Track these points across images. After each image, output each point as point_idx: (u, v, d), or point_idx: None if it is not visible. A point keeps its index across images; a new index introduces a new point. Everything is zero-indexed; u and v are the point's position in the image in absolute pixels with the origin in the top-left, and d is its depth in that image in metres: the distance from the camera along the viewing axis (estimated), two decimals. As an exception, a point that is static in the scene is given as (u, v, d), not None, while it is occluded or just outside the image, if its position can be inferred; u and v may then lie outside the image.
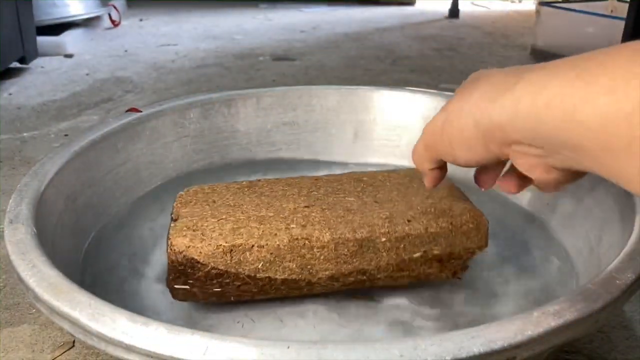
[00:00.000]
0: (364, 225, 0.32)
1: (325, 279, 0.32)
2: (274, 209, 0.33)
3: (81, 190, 0.40)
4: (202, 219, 0.32)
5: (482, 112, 0.22)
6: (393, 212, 0.33)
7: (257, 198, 0.34)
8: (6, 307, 0.37)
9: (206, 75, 0.96)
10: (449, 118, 0.25)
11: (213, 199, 0.34)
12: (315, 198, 0.34)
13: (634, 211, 0.31)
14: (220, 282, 0.31)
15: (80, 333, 0.24)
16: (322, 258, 0.31)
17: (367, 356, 0.21)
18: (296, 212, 0.33)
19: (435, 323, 0.33)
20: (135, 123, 0.46)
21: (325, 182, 0.37)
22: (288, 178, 0.38)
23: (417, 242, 0.32)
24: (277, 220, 0.32)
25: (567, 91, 0.19)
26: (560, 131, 0.19)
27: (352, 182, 0.37)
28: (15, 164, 0.60)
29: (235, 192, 0.35)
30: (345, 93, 0.54)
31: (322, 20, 1.48)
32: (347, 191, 0.35)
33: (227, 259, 0.30)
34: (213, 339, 0.22)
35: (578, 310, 0.23)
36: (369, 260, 0.32)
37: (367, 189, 0.36)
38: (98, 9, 1.28)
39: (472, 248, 0.33)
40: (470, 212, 0.33)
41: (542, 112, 0.20)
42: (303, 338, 0.31)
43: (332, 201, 0.34)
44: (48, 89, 0.87)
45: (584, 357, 0.32)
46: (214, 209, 0.33)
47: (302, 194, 0.35)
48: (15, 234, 0.29)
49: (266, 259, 0.30)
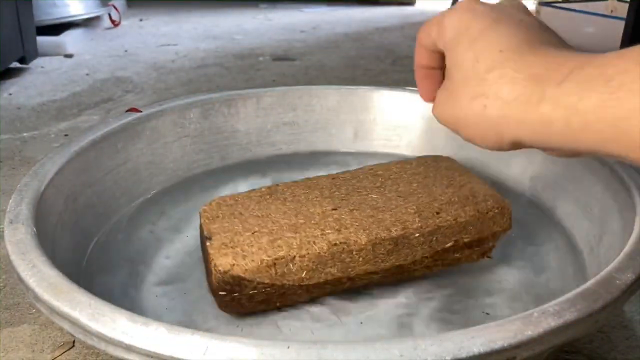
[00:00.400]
0: (396, 223, 0.32)
1: (365, 274, 0.33)
2: (302, 215, 0.33)
3: (81, 190, 0.40)
4: (236, 234, 0.32)
5: (505, 126, 0.21)
6: (419, 206, 0.34)
7: (282, 205, 0.34)
8: (6, 307, 0.37)
9: (206, 75, 0.95)
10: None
11: (239, 210, 0.34)
12: (339, 199, 0.35)
13: (634, 211, 0.31)
14: (267, 292, 0.31)
15: (80, 333, 0.24)
16: (360, 260, 0.32)
17: (367, 356, 0.21)
18: (326, 216, 0.33)
19: (432, 323, 0.33)
20: (135, 123, 0.46)
21: (343, 181, 0.37)
22: (305, 180, 0.38)
23: (448, 232, 0.33)
24: (310, 227, 0.32)
25: (609, 105, 0.18)
26: (598, 148, 0.19)
27: (369, 177, 0.37)
28: (15, 164, 0.60)
29: (259, 201, 0.35)
30: (345, 93, 0.54)
31: (322, 20, 1.48)
32: (368, 188, 0.36)
33: (272, 272, 0.30)
34: (213, 339, 0.22)
35: (578, 310, 0.23)
36: (404, 255, 0.33)
37: (386, 183, 0.37)
38: (98, 9, 1.27)
39: (498, 231, 0.35)
40: (493, 198, 0.35)
41: (578, 135, 0.19)
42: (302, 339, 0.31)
43: (356, 200, 0.35)
44: (48, 89, 0.87)
45: (584, 357, 0.32)
46: (244, 222, 0.33)
47: (324, 195, 0.35)
48: (15, 234, 0.29)
49: (309, 268, 0.31)
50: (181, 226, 0.43)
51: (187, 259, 0.39)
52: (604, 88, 0.18)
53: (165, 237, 0.41)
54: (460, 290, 0.35)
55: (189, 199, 0.46)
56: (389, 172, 0.38)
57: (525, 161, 0.46)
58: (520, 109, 0.20)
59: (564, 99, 0.19)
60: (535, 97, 0.20)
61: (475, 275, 0.37)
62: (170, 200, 0.46)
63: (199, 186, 0.47)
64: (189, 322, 0.33)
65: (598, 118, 0.18)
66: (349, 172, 0.39)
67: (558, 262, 0.38)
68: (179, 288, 0.36)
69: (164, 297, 0.35)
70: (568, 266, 0.37)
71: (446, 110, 0.24)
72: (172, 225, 0.43)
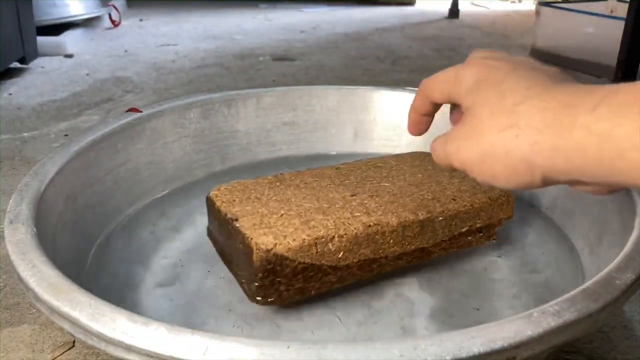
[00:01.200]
0: (419, 207, 0.34)
1: (393, 258, 0.33)
2: (324, 199, 0.34)
3: (81, 190, 0.40)
4: (263, 216, 0.32)
5: (538, 154, 0.20)
6: (434, 193, 0.35)
7: (298, 191, 0.35)
8: (6, 307, 0.37)
9: (206, 75, 0.96)
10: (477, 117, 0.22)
11: (255, 195, 0.34)
12: (353, 186, 0.36)
13: (634, 211, 0.32)
14: (305, 275, 0.31)
15: (80, 333, 0.24)
16: (391, 242, 0.33)
17: (367, 356, 0.21)
18: (348, 201, 0.34)
19: (433, 323, 0.33)
20: (135, 123, 0.46)
21: (348, 171, 0.38)
22: (309, 170, 0.39)
23: (465, 217, 0.35)
24: (337, 210, 0.33)
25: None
26: (634, 179, 0.18)
27: (372, 169, 0.39)
28: (15, 164, 0.60)
29: (271, 187, 0.35)
30: (345, 93, 0.54)
31: (322, 21, 1.48)
32: (377, 177, 0.37)
33: (313, 251, 0.30)
34: (213, 339, 0.22)
35: (578, 310, 0.23)
36: (427, 238, 0.34)
37: (392, 174, 0.38)
38: (98, 9, 1.28)
39: (503, 218, 0.37)
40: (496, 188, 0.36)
41: (613, 163, 0.18)
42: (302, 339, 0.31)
43: (371, 188, 0.36)
44: (48, 89, 0.87)
45: (583, 357, 0.32)
46: (265, 205, 0.33)
47: (336, 183, 0.36)
48: (15, 234, 0.29)
49: (346, 248, 0.31)
50: (181, 226, 0.43)
51: (187, 259, 0.39)
52: (639, 115, 0.17)
53: (165, 237, 0.41)
54: (461, 290, 0.35)
55: (189, 199, 0.46)
56: (388, 164, 0.39)
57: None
58: (553, 135, 0.20)
59: (598, 126, 0.18)
60: (568, 124, 0.19)
61: (476, 275, 0.37)
62: (170, 201, 0.46)
63: (199, 186, 0.47)
64: (189, 322, 0.33)
65: (633, 146, 0.17)
66: (350, 164, 0.40)
67: (558, 262, 0.38)
68: (179, 288, 0.36)
69: (163, 298, 0.35)
70: (568, 266, 0.37)
71: (467, 146, 0.23)
72: (172, 225, 0.43)
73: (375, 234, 0.32)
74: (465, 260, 0.38)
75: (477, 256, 0.39)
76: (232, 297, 0.35)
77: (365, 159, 0.41)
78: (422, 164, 0.40)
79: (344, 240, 0.31)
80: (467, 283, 0.36)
